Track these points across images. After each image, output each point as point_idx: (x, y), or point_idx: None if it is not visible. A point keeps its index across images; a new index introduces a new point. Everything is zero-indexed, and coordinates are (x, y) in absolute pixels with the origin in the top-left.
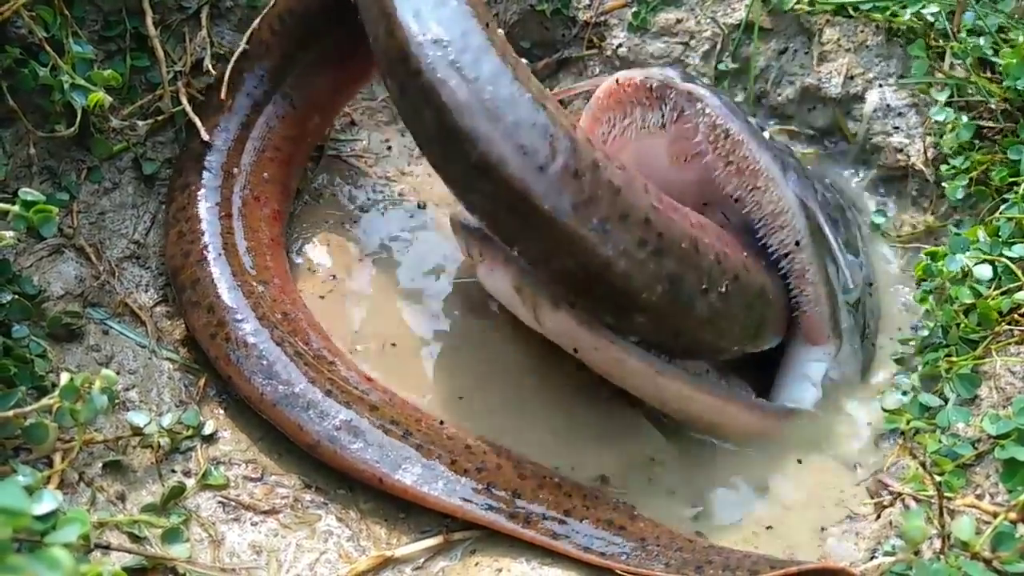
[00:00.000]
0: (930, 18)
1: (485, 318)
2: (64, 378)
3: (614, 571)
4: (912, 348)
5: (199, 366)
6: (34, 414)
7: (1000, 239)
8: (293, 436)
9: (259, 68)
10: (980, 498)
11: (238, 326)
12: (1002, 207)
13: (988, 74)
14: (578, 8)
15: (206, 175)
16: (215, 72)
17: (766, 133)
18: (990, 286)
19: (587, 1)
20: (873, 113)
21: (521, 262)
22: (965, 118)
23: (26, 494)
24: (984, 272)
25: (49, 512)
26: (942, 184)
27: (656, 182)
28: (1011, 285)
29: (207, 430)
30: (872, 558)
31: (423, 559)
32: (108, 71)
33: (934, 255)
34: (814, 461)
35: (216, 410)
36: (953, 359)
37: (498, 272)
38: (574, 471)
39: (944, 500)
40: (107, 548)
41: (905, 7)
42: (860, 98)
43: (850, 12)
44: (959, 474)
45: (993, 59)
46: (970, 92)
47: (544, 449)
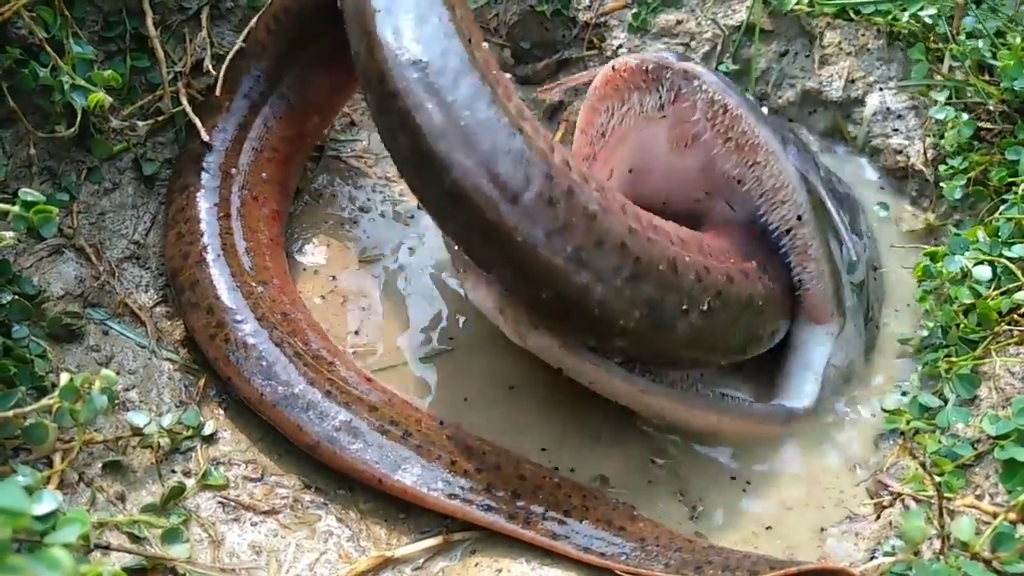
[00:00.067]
0: (928, 20)
1: (485, 319)
2: (64, 378)
3: (614, 571)
4: (911, 348)
5: (199, 366)
6: (34, 414)
7: (999, 239)
8: (293, 437)
9: (256, 68)
10: (980, 498)
11: (237, 327)
12: (1001, 207)
13: (986, 77)
14: (578, 9)
15: (204, 176)
16: (215, 72)
17: (764, 109)
18: (989, 286)
19: (587, 2)
20: (873, 116)
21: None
22: (965, 116)
23: (26, 494)
24: (983, 272)
25: (49, 512)
26: (941, 184)
27: (658, 173)
28: (1010, 285)
29: (207, 430)
30: (872, 558)
31: (423, 559)
32: (108, 71)
33: (933, 255)
34: (814, 461)
35: (216, 410)
36: (953, 359)
37: (481, 291)
38: (574, 471)
39: (944, 500)
40: (107, 548)
41: (905, 10)
42: (861, 101)
43: (851, 16)
44: (959, 474)
45: (992, 62)
46: (969, 94)
47: (544, 449)
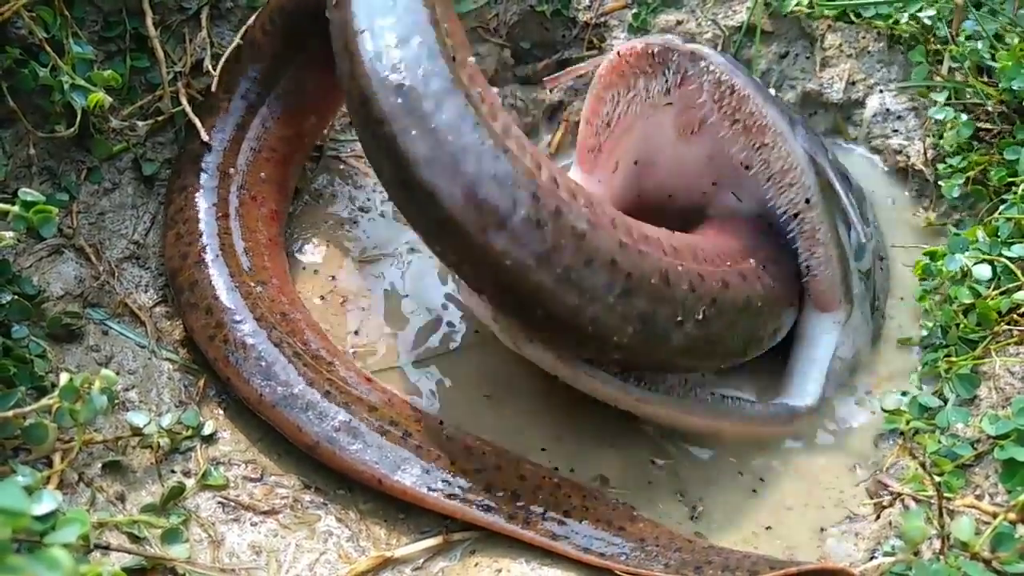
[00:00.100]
0: (928, 22)
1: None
2: (64, 378)
3: (613, 571)
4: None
5: (199, 366)
6: (34, 414)
7: (999, 239)
8: (292, 437)
9: (253, 68)
10: (980, 498)
11: (236, 327)
12: (1001, 207)
13: (985, 78)
14: (578, 9)
15: (203, 176)
16: (214, 73)
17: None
18: (989, 286)
19: (587, 2)
20: (873, 117)
21: None
22: (965, 116)
23: (26, 494)
24: (983, 272)
25: (49, 512)
26: (940, 183)
27: (665, 164)
28: (1010, 285)
29: (207, 430)
30: (872, 558)
31: (423, 559)
32: (108, 72)
33: (933, 255)
34: (814, 461)
35: (216, 410)
36: (952, 359)
37: (475, 300)
38: (574, 471)
39: (944, 500)
40: (107, 548)
41: (904, 10)
42: (861, 103)
43: (852, 18)
44: (958, 474)
45: (991, 63)
46: (968, 95)
47: (543, 449)
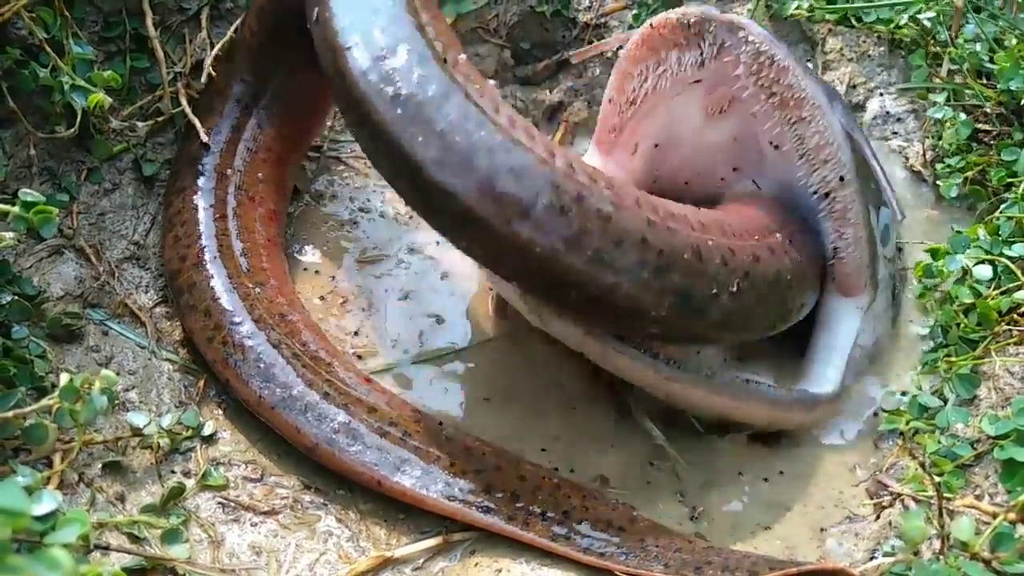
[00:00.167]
0: (927, 24)
1: (485, 321)
2: (64, 379)
3: (613, 572)
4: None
5: (198, 367)
6: (34, 415)
7: (1000, 238)
8: (292, 439)
9: (245, 69)
10: (979, 498)
11: (235, 329)
12: (1002, 206)
13: (984, 81)
14: (578, 10)
15: (200, 178)
16: (213, 73)
17: None
18: (990, 286)
19: (587, 3)
20: (873, 120)
21: None
22: (963, 116)
23: (26, 494)
24: (984, 272)
25: (49, 512)
26: (938, 183)
27: (686, 148)
28: (1011, 284)
29: (207, 431)
30: (872, 558)
31: (422, 560)
32: (108, 72)
33: (935, 253)
34: (814, 462)
35: (216, 411)
36: (952, 359)
37: (502, 282)
38: (573, 472)
39: (943, 500)
40: (107, 549)
41: (905, 12)
42: (862, 107)
43: (852, 22)
44: (958, 474)
45: (989, 66)
46: (967, 97)
47: (543, 450)
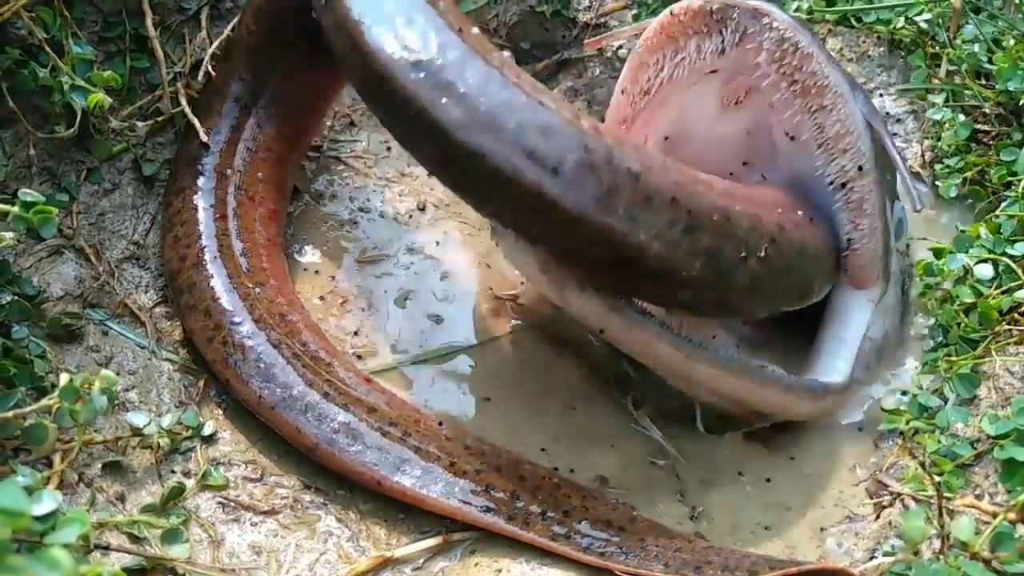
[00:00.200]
0: (924, 25)
1: (485, 321)
2: (64, 379)
3: (613, 571)
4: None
5: (198, 367)
6: (34, 415)
7: (1002, 236)
8: (292, 439)
9: (243, 69)
10: (979, 498)
11: (235, 329)
12: (1003, 205)
13: (983, 81)
14: (578, 10)
15: (200, 178)
16: (213, 72)
17: None
18: (991, 285)
19: (587, 3)
20: None
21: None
22: (962, 117)
23: (26, 494)
24: (985, 271)
25: (49, 512)
26: (937, 183)
27: (697, 141)
28: (1012, 284)
29: (207, 431)
30: (872, 558)
31: (422, 559)
32: (108, 72)
33: (937, 252)
34: (814, 461)
35: (215, 411)
36: (953, 359)
37: (524, 250)
38: (573, 472)
39: (943, 500)
40: (107, 549)
41: (904, 13)
42: None
43: (852, 23)
44: (958, 474)
45: (988, 66)
46: (966, 97)
47: (543, 450)
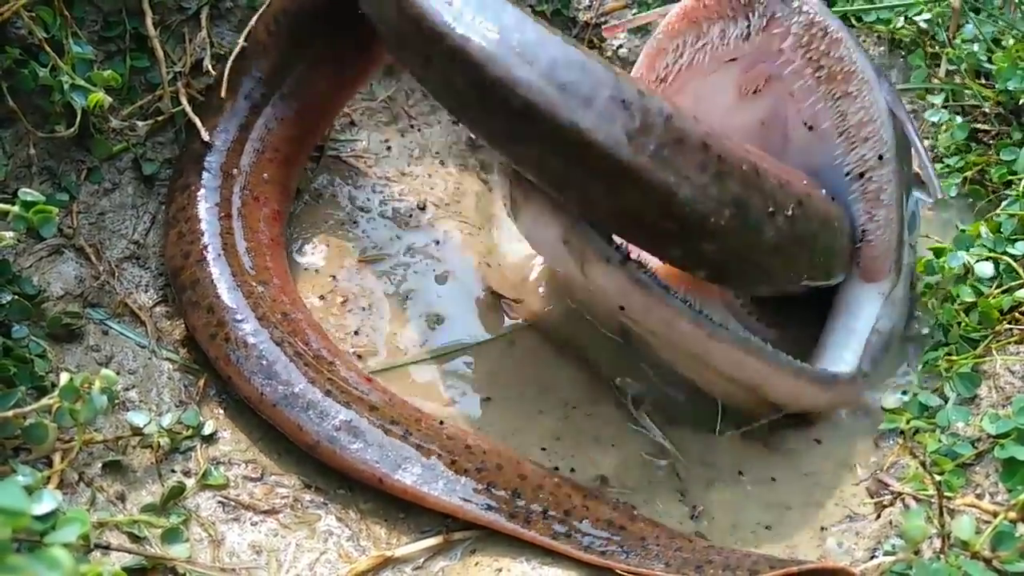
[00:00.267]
0: (924, 25)
1: (485, 321)
2: (64, 378)
3: (614, 571)
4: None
5: (199, 366)
6: (34, 414)
7: (1003, 235)
8: (293, 436)
9: (257, 69)
10: (980, 497)
11: (238, 326)
12: (1003, 204)
13: (983, 81)
14: (578, 9)
15: (206, 176)
16: (215, 73)
17: None
18: (991, 284)
19: (587, 2)
20: None
21: (572, 211)
22: (960, 119)
23: (26, 494)
24: (985, 270)
25: (49, 512)
26: None
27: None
28: (1012, 283)
29: (207, 430)
30: (872, 558)
31: (423, 559)
32: (108, 72)
33: (938, 251)
34: (814, 461)
35: (216, 410)
36: (953, 358)
37: (545, 221)
38: (574, 471)
39: (944, 499)
40: (107, 548)
41: (904, 13)
42: None
43: (852, 22)
44: (959, 473)
45: (987, 66)
46: (966, 97)
47: (543, 449)
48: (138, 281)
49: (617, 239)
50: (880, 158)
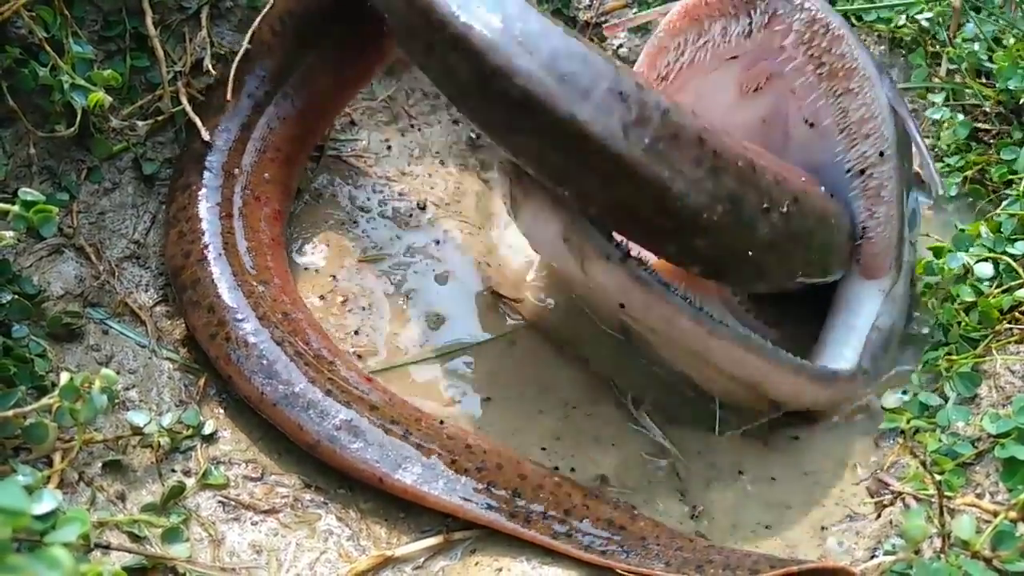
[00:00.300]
0: (925, 24)
1: (485, 321)
2: (64, 378)
3: (614, 570)
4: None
5: (199, 366)
6: (34, 414)
7: (1003, 235)
8: (293, 436)
9: (260, 69)
10: (980, 497)
11: (238, 326)
12: (1004, 203)
13: (983, 80)
14: (578, 9)
15: (207, 175)
16: (216, 72)
17: None
18: (991, 284)
19: (587, 2)
20: None
21: (572, 207)
22: (961, 117)
23: (26, 494)
24: (985, 270)
25: (49, 512)
26: None
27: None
28: (1012, 283)
29: (207, 430)
30: (872, 557)
31: (423, 559)
32: (108, 71)
33: (937, 251)
34: (814, 460)
35: (216, 410)
36: (953, 358)
37: (545, 219)
38: (574, 471)
39: (944, 499)
40: (107, 548)
41: (904, 12)
42: None
43: (853, 21)
44: (959, 473)
45: (988, 65)
46: (966, 96)
47: (544, 449)
48: (138, 281)
49: (617, 236)
50: (881, 155)
